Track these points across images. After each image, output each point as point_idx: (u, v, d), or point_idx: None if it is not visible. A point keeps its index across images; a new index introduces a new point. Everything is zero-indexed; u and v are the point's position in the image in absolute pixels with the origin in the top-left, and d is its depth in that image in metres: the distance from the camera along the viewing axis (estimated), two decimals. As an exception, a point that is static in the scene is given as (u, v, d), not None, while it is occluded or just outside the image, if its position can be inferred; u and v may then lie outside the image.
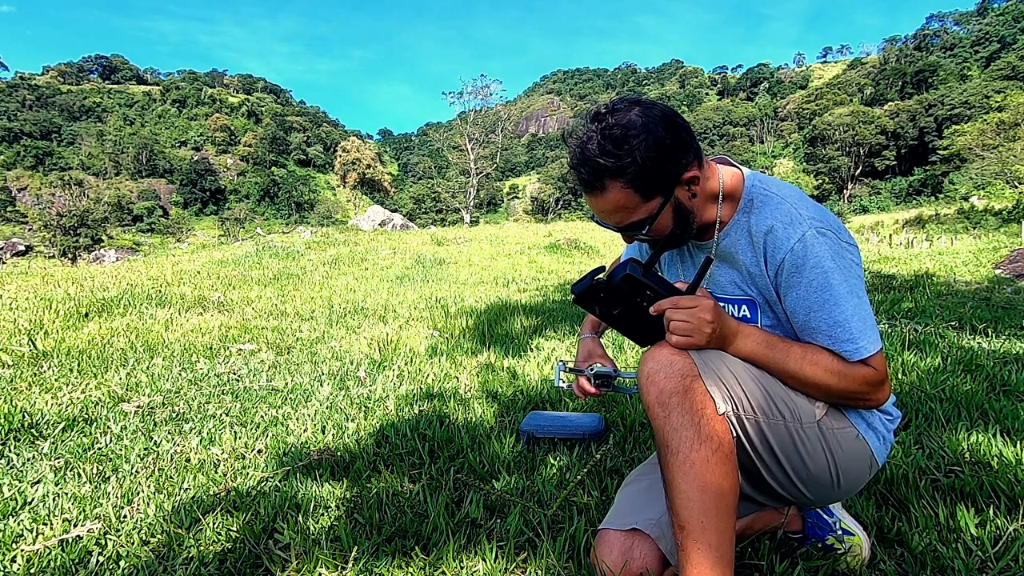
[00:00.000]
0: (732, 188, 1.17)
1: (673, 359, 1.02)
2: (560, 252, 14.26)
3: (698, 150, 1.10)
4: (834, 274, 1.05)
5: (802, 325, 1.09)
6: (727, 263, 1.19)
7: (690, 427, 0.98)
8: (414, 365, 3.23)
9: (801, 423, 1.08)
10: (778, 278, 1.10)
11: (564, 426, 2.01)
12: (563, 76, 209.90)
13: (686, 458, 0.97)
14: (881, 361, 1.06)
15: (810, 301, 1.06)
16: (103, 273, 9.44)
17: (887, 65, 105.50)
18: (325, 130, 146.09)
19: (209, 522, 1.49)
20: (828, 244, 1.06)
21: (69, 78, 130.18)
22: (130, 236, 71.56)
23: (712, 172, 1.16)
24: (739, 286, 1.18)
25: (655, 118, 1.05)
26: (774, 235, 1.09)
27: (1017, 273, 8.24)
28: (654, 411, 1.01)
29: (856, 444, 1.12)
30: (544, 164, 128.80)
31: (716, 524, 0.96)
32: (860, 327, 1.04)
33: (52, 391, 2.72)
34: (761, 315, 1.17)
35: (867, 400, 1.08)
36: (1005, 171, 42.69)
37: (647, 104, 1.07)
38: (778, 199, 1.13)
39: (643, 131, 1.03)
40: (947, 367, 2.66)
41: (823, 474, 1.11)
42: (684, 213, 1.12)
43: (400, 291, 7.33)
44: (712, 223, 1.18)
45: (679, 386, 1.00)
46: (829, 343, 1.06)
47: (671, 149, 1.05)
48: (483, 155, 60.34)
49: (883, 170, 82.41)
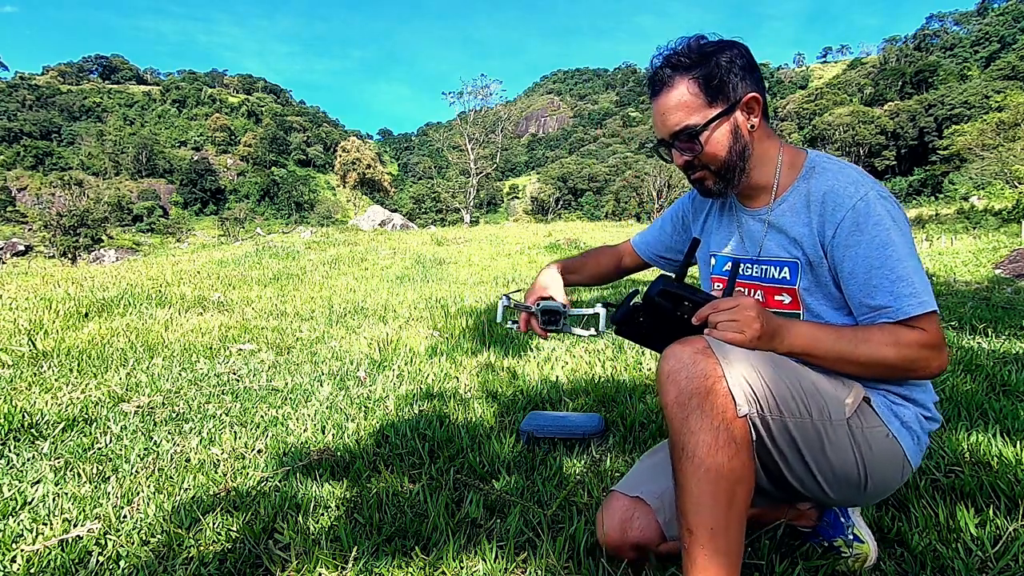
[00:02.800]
0: (793, 157, 1.19)
1: (696, 358, 0.98)
2: (560, 252, 14.26)
3: (764, 97, 1.14)
4: (895, 232, 1.05)
5: (862, 284, 1.07)
6: (777, 230, 1.19)
7: (708, 431, 0.95)
8: (414, 365, 3.23)
9: (830, 421, 1.06)
10: (836, 238, 1.09)
11: (564, 426, 2.01)
12: (563, 76, 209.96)
13: (701, 463, 0.94)
14: (934, 323, 1.04)
15: (872, 258, 1.06)
16: (103, 273, 9.44)
17: (887, 65, 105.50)
18: (325, 130, 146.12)
19: (209, 522, 1.49)
20: (890, 207, 1.08)
21: (69, 78, 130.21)
22: (130, 236, 71.54)
23: (773, 139, 1.19)
24: (785, 249, 1.18)
25: (735, 44, 1.13)
26: (835, 194, 1.10)
27: (1017, 273, 8.24)
28: (672, 411, 0.98)
29: (887, 444, 1.09)
30: (544, 164, 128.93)
31: (726, 531, 0.94)
32: (922, 284, 1.04)
33: (52, 391, 2.72)
34: (801, 276, 1.16)
35: (927, 367, 1.04)
36: (1005, 171, 42.67)
37: (731, 42, 1.15)
38: (839, 165, 1.15)
39: (723, 46, 1.12)
40: (947, 367, 2.66)
41: (850, 474, 1.08)
42: (740, 141, 1.13)
43: (400, 291, 7.33)
44: (766, 187, 1.19)
45: (700, 387, 0.96)
46: (891, 299, 1.04)
47: (742, 67, 1.11)
48: (483, 155, 60.31)
49: (883, 170, 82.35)
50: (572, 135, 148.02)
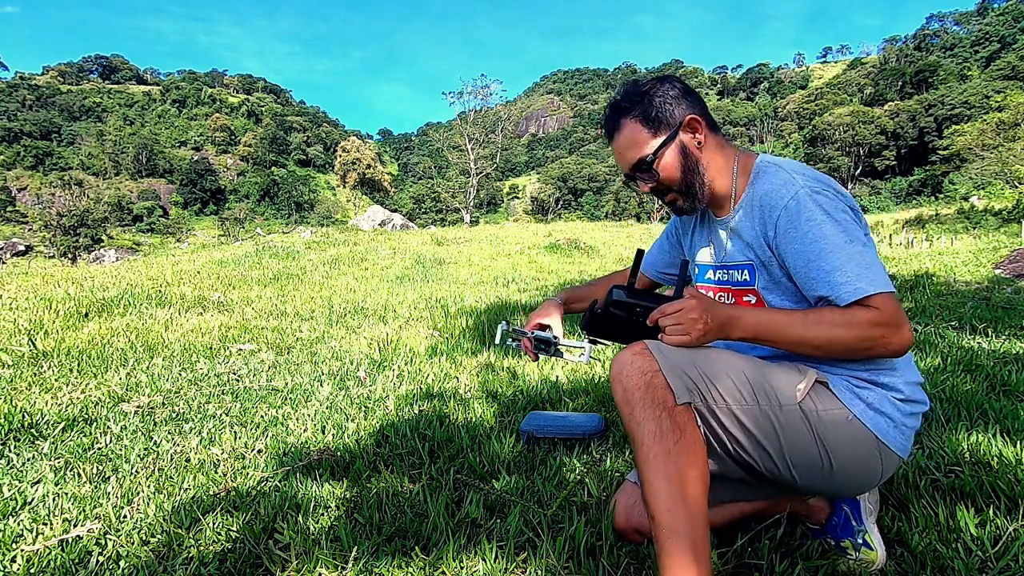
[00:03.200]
0: (746, 164, 1.26)
1: (634, 359, 1.07)
2: (560, 252, 14.26)
3: (706, 114, 1.24)
4: (827, 225, 1.10)
5: (803, 278, 1.12)
6: (737, 236, 1.26)
7: (653, 420, 1.03)
8: (414, 365, 3.23)
9: (780, 406, 1.11)
10: (777, 238, 1.16)
11: (564, 426, 2.01)
12: (563, 76, 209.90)
13: (650, 450, 1.02)
14: (887, 301, 1.05)
15: (807, 252, 1.10)
16: (103, 273, 9.44)
17: (887, 65, 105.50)
18: (325, 130, 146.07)
19: (209, 522, 1.49)
20: (821, 200, 1.12)
21: (69, 78, 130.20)
22: (130, 236, 71.53)
23: (728, 148, 1.27)
24: (743, 252, 1.25)
25: (667, 78, 1.26)
26: (770, 196, 1.17)
27: (1017, 273, 8.24)
28: (621, 408, 1.07)
29: (848, 427, 1.11)
30: (544, 164, 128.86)
31: (685, 513, 0.98)
32: (858, 270, 1.06)
33: (52, 391, 2.72)
34: (759, 276, 1.23)
35: (886, 344, 1.06)
36: (1005, 171, 42.67)
37: (663, 76, 1.28)
38: (777, 168, 1.21)
39: (656, 82, 1.24)
40: (947, 367, 2.66)
41: (811, 458, 1.12)
42: (691, 159, 1.23)
43: (400, 291, 7.33)
44: (727, 195, 1.27)
45: (640, 383, 1.05)
46: (828, 290, 1.08)
47: (675, 96, 1.22)
48: (483, 155, 60.29)
49: (883, 170, 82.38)
50: (572, 135, 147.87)
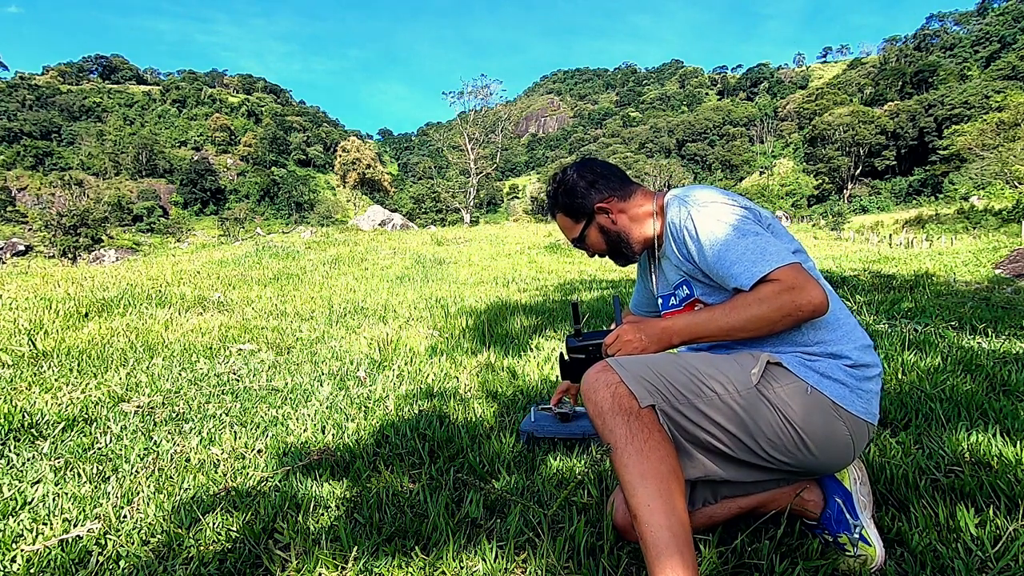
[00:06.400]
0: (661, 205, 1.44)
1: (599, 375, 1.19)
2: (560, 252, 14.27)
3: (617, 189, 1.46)
4: (718, 229, 1.25)
5: (717, 279, 1.27)
6: (669, 262, 1.43)
7: (622, 425, 1.12)
8: (414, 365, 3.23)
9: (739, 392, 1.18)
10: (690, 254, 1.31)
11: (564, 426, 2.01)
12: (563, 76, 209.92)
13: (623, 451, 1.11)
14: (785, 272, 1.17)
15: (710, 258, 1.25)
16: (103, 273, 9.44)
17: (887, 65, 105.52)
18: (325, 130, 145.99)
19: (209, 522, 1.49)
20: (709, 211, 1.28)
21: (69, 78, 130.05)
22: (130, 236, 71.50)
23: (644, 200, 1.47)
24: (676, 273, 1.41)
25: (577, 171, 1.49)
26: (673, 226, 1.35)
27: (1017, 273, 8.24)
28: (594, 421, 1.16)
29: (810, 398, 1.19)
30: (544, 164, 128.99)
31: (663, 507, 1.06)
32: (753, 257, 1.19)
33: (52, 391, 2.72)
34: (695, 287, 1.37)
35: (798, 305, 1.15)
36: (1005, 171, 42.68)
37: (582, 162, 1.52)
38: (676, 199, 1.37)
39: (572, 175, 1.49)
40: (947, 367, 2.66)
41: (783, 434, 1.18)
42: (610, 232, 1.47)
43: (400, 291, 7.33)
44: (654, 236, 1.46)
45: (607, 394, 1.15)
46: (735, 281, 1.21)
47: (585, 188, 1.46)
48: (483, 155, 60.22)
49: (883, 170, 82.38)
50: (572, 135, 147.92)
